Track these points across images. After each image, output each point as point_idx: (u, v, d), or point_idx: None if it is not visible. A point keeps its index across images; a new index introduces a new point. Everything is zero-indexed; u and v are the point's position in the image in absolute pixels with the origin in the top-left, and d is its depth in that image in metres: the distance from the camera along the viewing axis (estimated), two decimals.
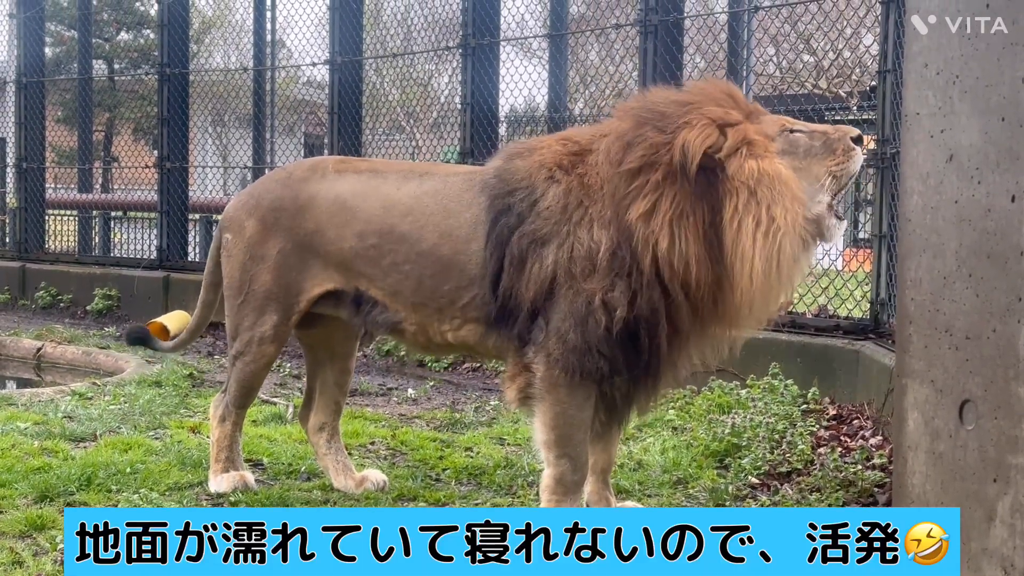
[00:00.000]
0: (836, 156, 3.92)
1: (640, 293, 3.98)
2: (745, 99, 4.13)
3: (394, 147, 12.48)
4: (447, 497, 4.75)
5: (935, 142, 2.61)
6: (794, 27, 8.36)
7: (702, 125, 3.93)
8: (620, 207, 3.99)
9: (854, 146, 3.92)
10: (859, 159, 3.94)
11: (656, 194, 3.93)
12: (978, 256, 2.51)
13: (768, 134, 3.96)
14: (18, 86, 13.09)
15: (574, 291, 4.05)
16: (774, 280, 3.87)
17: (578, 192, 4.11)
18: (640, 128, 4.03)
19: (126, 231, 13.59)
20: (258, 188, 4.80)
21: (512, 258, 4.15)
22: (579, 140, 4.27)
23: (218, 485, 4.71)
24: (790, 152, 3.94)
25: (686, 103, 4.06)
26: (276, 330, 4.65)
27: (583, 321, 4.02)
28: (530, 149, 4.33)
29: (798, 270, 3.99)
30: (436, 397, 7.44)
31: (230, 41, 20.60)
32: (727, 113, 3.98)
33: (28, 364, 9.28)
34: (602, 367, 4.06)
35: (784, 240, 3.83)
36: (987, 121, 2.48)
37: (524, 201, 4.16)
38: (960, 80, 2.55)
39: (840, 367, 6.45)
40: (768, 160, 3.89)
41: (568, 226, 4.09)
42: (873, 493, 4.63)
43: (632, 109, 4.17)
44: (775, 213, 3.83)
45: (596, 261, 4.03)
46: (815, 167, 3.93)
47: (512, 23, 9.86)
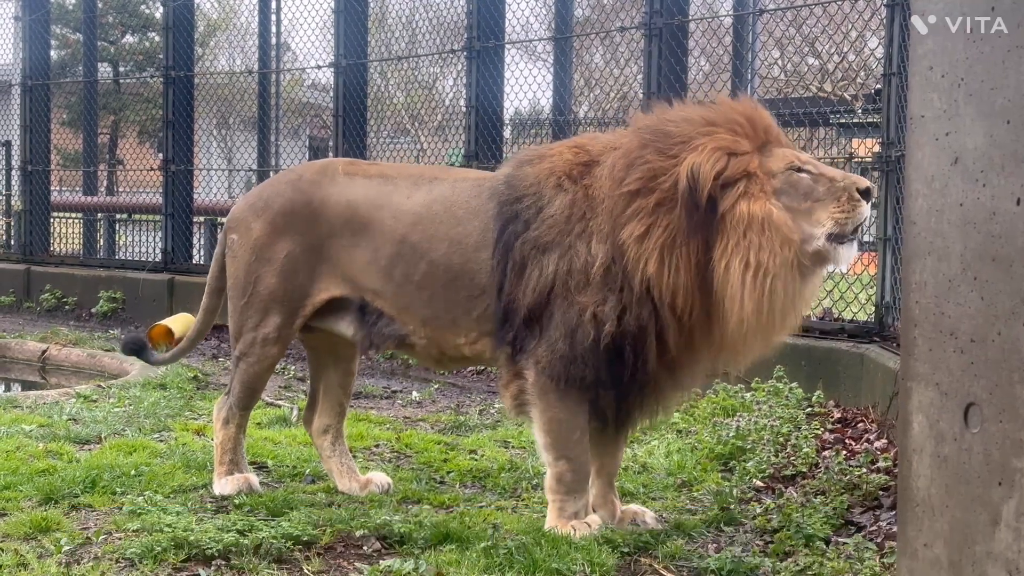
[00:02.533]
0: (840, 204, 3.86)
1: (629, 310, 3.99)
2: (768, 126, 4.04)
3: (398, 150, 12.51)
4: (451, 500, 4.75)
5: (940, 145, 2.61)
6: (799, 30, 8.36)
7: (711, 150, 3.89)
8: (616, 224, 3.99)
9: (860, 199, 3.86)
10: (864, 211, 3.88)
11: (651, 219, 3.92)
12: (983, 259, 2.51)
13: (770, 170, 3.91)
14: (23, 89, 13.12)
15: (568, 302, 4.06)
16: (767, 320, 3.87)
17: (582, 204, 4.11)
18: (643, 149, 4.02)
19: (131, 233, 13.62)
20: (267, 190, 4.79)
21: (514, 263, 4.15)
22: (590, 150, 4.25)
23: (222, 487, 4.71)
24: (788, 192, 3.88)
25: (698, 123, 4.02)
26: (280, 332, 4.64)
27: (572, 332, 4.05)
28: (540, 156, 4.32)
29: (798, 304, 3.97)
30: (440, 400, 7.44)
31: (235, 44, 20.65)
32: (736, 142, 3.93)
33: (33, 366, 9.29)
34: (586, 376, 4.08)
35: (775, 283, 3.82)
36: (992, 124, 2.48)
37: (531, 208, 4.16)
38: (965, 83, 2.54)
39: (845, 370, 6.44)
40: (760, 202, 3.84)
41: (570, 237, 4.10)
42: (878, 496, 4.63)
43: (644, 126, 4.14)
44: (762, 257, 3.80)
45: (591, 275, 4.04)
46: (817, 211, 3.87)
47: (517, 26, 9.85)
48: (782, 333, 4.08)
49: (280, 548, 3.93)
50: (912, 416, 2.70)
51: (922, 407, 2.67)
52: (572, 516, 4.17)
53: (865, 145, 8.00)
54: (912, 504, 2.70)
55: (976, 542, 2.55)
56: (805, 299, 4.06)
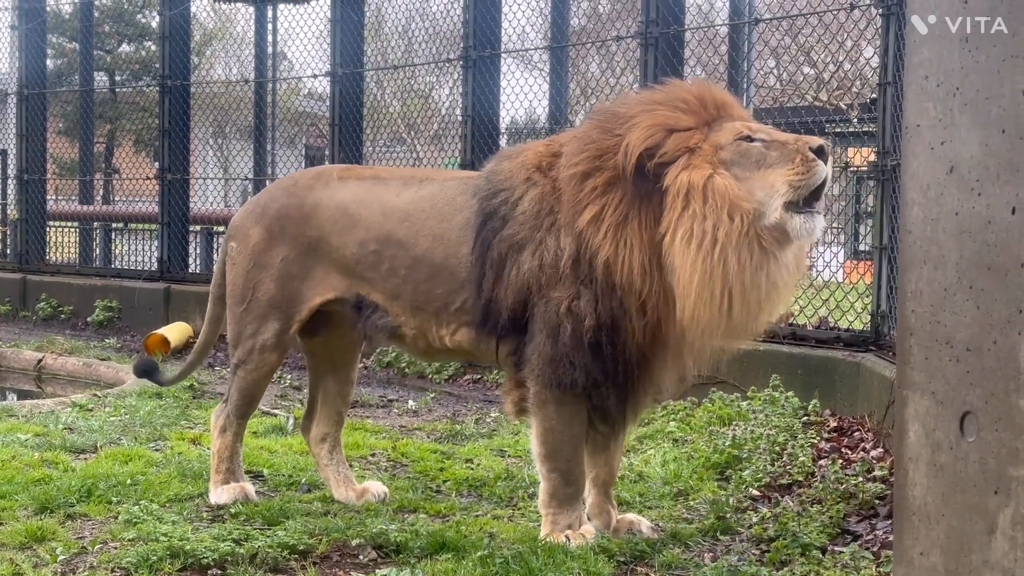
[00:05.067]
0: (794, 166, 3.73)
1: (600, 300, 3.96)
2: (721, 102, 3.98)
3: (395, 159, 12.51)
4: (448, 509, 4.75)
5: (935, 154, 2.61)
6: (795, 39, 8.38)
7: (645, 127, 3.86)
8: (575, 212, 3.97)
9: (814, 157, 3.73)
10: (821, 170, 3.74)
11: (603, 199, 3.90)
12: (979, 268, 2.51)
13: (718, 143, 3.84)
14: (20, 98, 13.12)
15: (545, 300, 4.06)
16: (723, 295, 3.72)
17: (550, 197, 4.12)
18: (591, 130, 4.04)
19: (127, 243, 13.61)
20: (264, 197, 4.83)
21: (492, 262, 4.18)
22: (560, 140, 4.28)
23: (218, 497, 4.70)
24: (738, 162, 3.80)
25: (644, 103, 4.01)
26: (278, 338, 4.66)
27: (554, 331, 4.04)
28: (518, 151, 4.37)
29: (764, 281, 3.79)
30: (437, 409, 7.43)
31: (231, 53, 20.67)
32: (677, 118, 3.89)
33: (29, 375, 9.28)
34: (577, 378, 4.05)
35: (727, 255, 3.70)
36: (987, 133, 2.48)
37: (506, 204, 4.18)
38: (960, 92, 2.55)
39: (841, 379, 6.45)
40: (700, 171, 3.77)
41: (540, 232, 4.10)
42: (874, 505, 4.63)
43: (598, 109, 4.20)
44: (707, 227, 3.70)
45: (561, 269, 4.03)
46: (770, 176, 3.75)
47: (513, 35, 9.88)
48: (751, 316, 3.86)
49: (276, 557, 3.92)
50: (908, 425, 2.70)
51: (918, 416, 2.67)
52: (566, 528, 4.17)
53: (861, 154, 8.01)
54: (908, 513, 2.70)
55: (972, 551, 2.54)
56: (777, 280, 3.85)
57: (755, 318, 3.91)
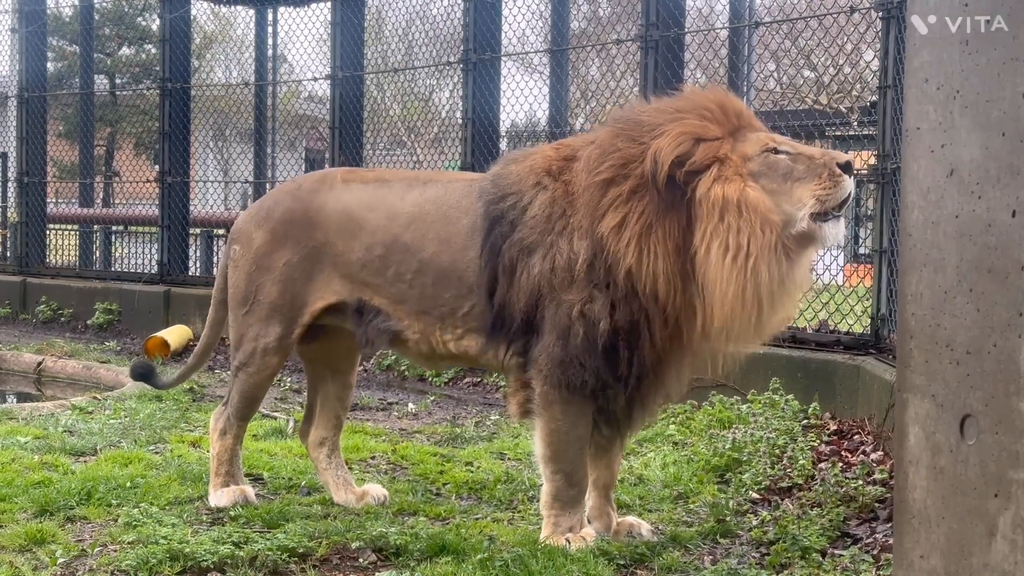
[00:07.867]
0: (822, 181, 3.83)
1: (618, 306, 3.98)
2: (740, 112, 4.05)
3: (395, 162, 12.52)
4: (447, 512, 4.75)
5: (936, 157, 2.61)
6: (795, 43, 8.38)
7: (675, 135, 3.89)
8: (595, 218, 3.99)
9: (841, 173, 3.83)
10: (847, 186, 3.84)
11: (626, 207, 3.92)
12: (979, 271, 2.51)
13: (745, 154, 3.89)
14: (20, 100, 13.12)
15: (556, 302, 4.07)
16: (752, 306, 3.81)
17: (562, 201, 4.13)
18: (616, 138, 4.04)
19: (127, 245, 13.62)
20: (268, 201, 4.83)
21: (504, 267, 4.18)
22: (572, 145, 4.29)
23: (218, 499, 4.70)
24: (766, 174, 3.86)
25: (668, 112, 4.03)
26: (280, 341, 4.65)
27: (564, 333, 4.05)
28: (525, 155, 4.37)
29: (787, 287, 3.91)
30: (437, 412, 7.43)
31: (231, 56, 20.67)
32: (705, 127, 3.93)
33: (29, 378, 9.28)
34: (587, 380, 4.06)
35: (758, 266, 3.78)
36: (988, 136, 2.49)
37: (515, 208, 4.19)
38: (961, 95, 2.55)
39: (841, 382, 6.45)
40: (734, 184, 3.82)
41: (551, 236, 4.11)
42: (874, 508, 4.63)
43: (618, 117, 4.19)
44: (742, 240, 3.77)
45: (575, 272, 4.04)
46: (797, 190, 3.84)
47: (513, 38, 9.89)
48: (772, 320, 3.99)
49: (276, 560, 3.92)
50: (908, 428, 2.70)
51: (918, 419, 2.67)
52: (567, 531, 4.17)
53: (861, 157, 8.02)
54: (908, 516, 2.70)
55: (972, 554, 2.54)
56: (796, 283, 3.99)
57: (777, 322, 4.05)
